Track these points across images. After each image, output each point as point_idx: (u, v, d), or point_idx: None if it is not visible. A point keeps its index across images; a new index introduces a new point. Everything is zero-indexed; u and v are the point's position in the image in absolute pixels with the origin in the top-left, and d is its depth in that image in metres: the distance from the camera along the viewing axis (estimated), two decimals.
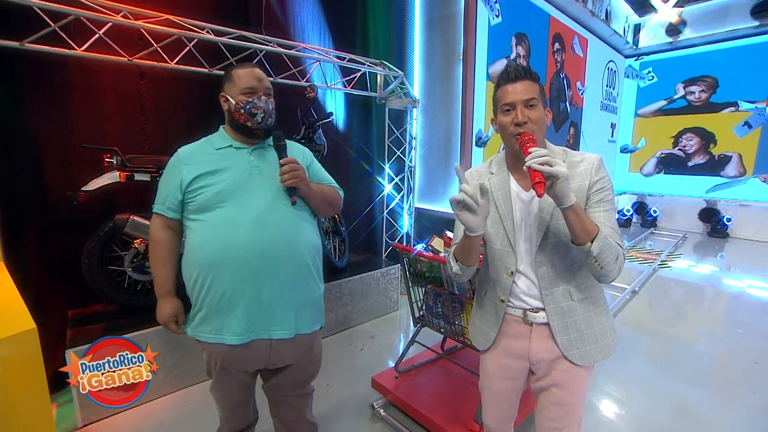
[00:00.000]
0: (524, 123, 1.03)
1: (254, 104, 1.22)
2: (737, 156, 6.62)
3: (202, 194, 1.19)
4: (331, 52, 3.34)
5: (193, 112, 2.72)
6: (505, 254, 1.14)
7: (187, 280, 1.22)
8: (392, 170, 4.08)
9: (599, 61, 6.57)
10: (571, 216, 0.95)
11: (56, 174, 2.24)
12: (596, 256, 0.95)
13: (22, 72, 2.11)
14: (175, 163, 1.24)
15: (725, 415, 2.12)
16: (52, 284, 2.27)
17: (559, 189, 0.91)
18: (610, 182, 1.07)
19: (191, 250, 1.20)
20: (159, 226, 1.26)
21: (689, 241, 6.49)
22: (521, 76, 1.05)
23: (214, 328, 1.21)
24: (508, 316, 1.18)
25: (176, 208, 1.23)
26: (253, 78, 1.24)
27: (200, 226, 1.19)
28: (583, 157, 1.10)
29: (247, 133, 1.27)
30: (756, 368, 2.60)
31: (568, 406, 1.15)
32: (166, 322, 1.29)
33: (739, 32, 6.34)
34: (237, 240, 1.16)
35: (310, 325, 1.32)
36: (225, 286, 1.17)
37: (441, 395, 1.98)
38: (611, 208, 1.05)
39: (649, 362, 2.66)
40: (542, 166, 0.89)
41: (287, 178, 1.21)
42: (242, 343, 1.21)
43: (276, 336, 1.23)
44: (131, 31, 2.32)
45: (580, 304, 1.10)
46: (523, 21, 4.66)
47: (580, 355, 1.11)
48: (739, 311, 3.68)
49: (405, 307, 3.45)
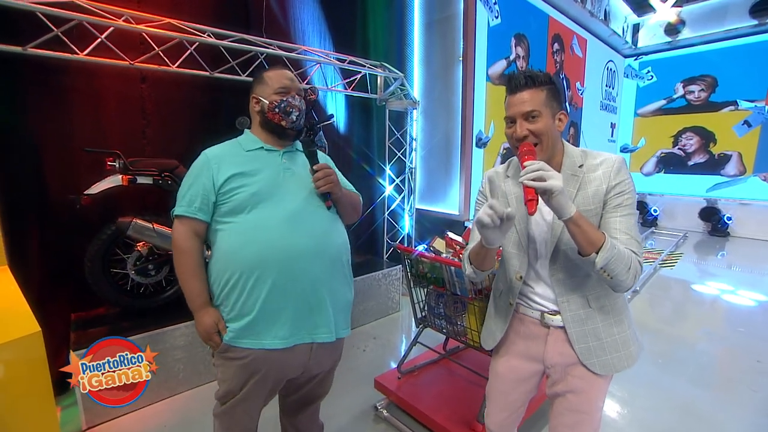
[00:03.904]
0: (525, 137, 1.02)
1: (289, 103, 1.23)
2: (737, 155, 6.63)
3: (237, 195, 1.14)
4: (331, 54, 3.35)
5: (194, 116, 2.73)
6: (516, 257, 1.13)
7: (221, 285, 1.16)
8: (393, 171, 4.09)
9: (598, 61, 6.58)
10: (572, 228, 0.93)
11: (59, 177, 2.25)
12: (603, 267, 0.92)
13: (24, 76, 2.12)
14: (203, 163, 1.19)
15: (727, 414, 2.12)
16: (55, 287, 2.28)
17: (555, 203, 0.90)
18: (631, 185, 1.02)
19: (226, 252, 1.15)
20: (186, 234, 1.17)
21: (690, 240, 6.50)
22: (522, 85, 1.02)
23: (254, 334, 1.15)
24: (523, 317, 1.17)
25: (209, 209, 1.17)
26: (286, 78, 1.25)
27: (235, 228, 1.15)
28: (604, 159, 1.06)
29: (280, 133, 1.25)
30: (758, 366, 2.61)
31: (584, 414, 1.12)
32: (209, 335, 1.17)
33: (737, 31, 6.36)
34: (276, 242, 1.13)
35: (345, 329, 1.29)
36: (269, 288, 1.12)
37: (444, 396, 1.99)
38: (630, 213, 1.00)
39: (651, 361, 2.67)
40: (534, 182, 0.88)
41: (322, 184, 1.20)
42: (286, 347, 1.16)
43: (319, 339, 1.20)
44: (133, 35, 2.33)
45: (599, 313, 1.07)
46: (522, 22, 4.67)
47: (601, 364, 1.07)
48: (740, 310, 3.68)
49: (407, 308, 3.45)
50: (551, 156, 1.06)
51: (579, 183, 1.04)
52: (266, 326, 1.14)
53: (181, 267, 1.18)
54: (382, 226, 4.16)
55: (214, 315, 1.18)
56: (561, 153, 1.09)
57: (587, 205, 1.03)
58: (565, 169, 1.07)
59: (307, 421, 1.48)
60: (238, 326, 1.15)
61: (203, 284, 1.19)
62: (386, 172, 4.06)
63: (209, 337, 1.17)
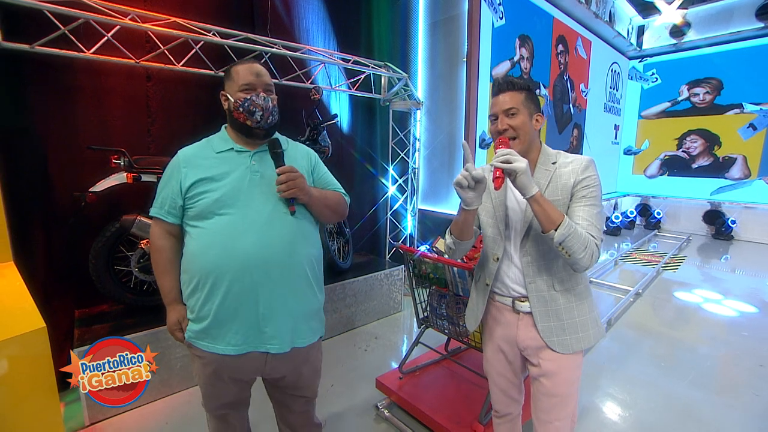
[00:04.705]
0: (504, 130, 1.16)
1: (252, 102, 1.16)
2: (742, 158, 6.59)
3: (201, 201, 1.14)
4: (335, 54, 3.36)
5: (198, 114, 2.74)
6: (494, 241, 1.25)
7: (185, 286, 1.19)
8: (396, 172, 4.09)
9: (603, 63, 6.55)
10: (534, 206, 1.06)
11: (64, 175, 2.27)
12: (561, 243, 1.04)
13: (30, 74, 2.14)
14: (175, 165, 1.19)
15: (729, 418, 2.11)
16: (59, 284, 2.30)
17: (519, 182, 1.04)
18: (595, 181, 1.16)
19: (191, 255, 1.16)
20: (159, 233, 1.22)
21: (693, 243, 6.46)
22: (503, 88, 1.18)
23: (210, 337, 1.17)
24: (499, 305, 1.28)
25: (177, 212, 1.18)
26: (251, 74, 1.17)
27: (200, 233, 1.15)
28: (575, 158, 1.20)
29: (247, 132, 1.21)
30: (760, 371, 2.59)
31: (557, 397, 1.21)
32: (172, 330, 1.25)
33: (743, 34, 6.32)
34: (236, 249, 1.12)
35: (308, 337, 1.27)
36: (223, 296, 1.13)
37: (445, 396, 1.99)
38: (593, 204, 1.13)
39: (653, 364, 2.66)
40: (502, 164, 1.03)
41: (284, 189, 1.15)
42: (237, 354, 1.17)
43: (272, 350, 1.19)
44: (139, 34, 2.35)
45: (563, 295, 1.18)
46: (526, 23, 4.66)
47: (560, 343, 1.18)
48: (743, 314, 3.66)
49: (409, 309, 3.46)
50: (527, 151, 1.19)
51: (551, 176, 1.18)
52: (220, 332, 1.16)
53: (155, 264, 1.25)
54: (384, 226, 4.16)
55: (180, 312, 1.25)
56: (538, 150, 1.22)
57: (556, 195, 1.16)
58: (539, 164, 1.20)
59: (300, 420, 1.46)
60: (197, 328, 1.19)
61: (174, 282, 1.24)
62: (389, 173, 4.06)
63: (172, 332, 1.26)
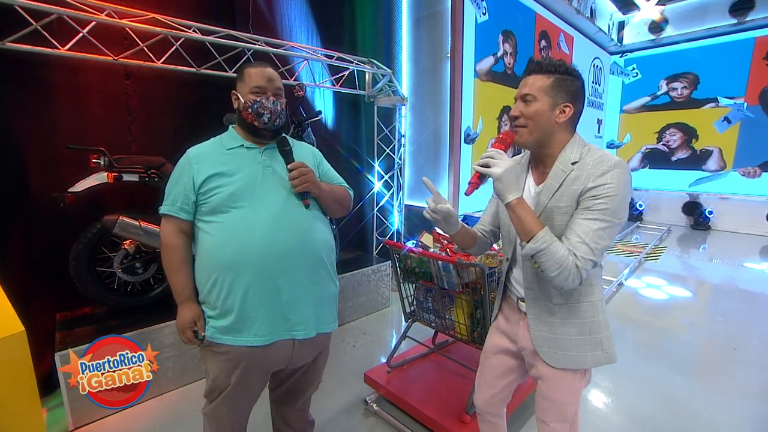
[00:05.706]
0: (516, 117, 1.07)
1: (261, 104, 1.21)
2: (718, 150, 6.79)
3: (215, 195, 1.17)
4: (319, 50, 3.33)
5: (180, 112, 2.69)
6: (507, 242, 1.23)
7: (203, 283, 1.20)
8: (382, 168, 4.10)
9: (585, 58, 6.66)
10: (510, 213, 1.00)
11: (42, 175, 2.20)
12: (532, 257, 0.96)
13: (3, 72, 2.07)
14: (185, 163, 1.22)
15: (706, 401, 2.20)
16: (39, 287, 2.24)
17: (496, 188, 0.99)
18: (610, 191, 0.96)
19: (207, 252, 1.17)
20: (171, 231, 1.22)
21: (673, 234, 6.65)
22: (530, 70, 1.06)
23: (235, 332, 1.17)
24: (510, 300, 1.26)
25: (190, 209, 1.20)
26: (263, 78, 1.22)
27: (215, 228, 1.17)
28: (600, 159, 1.00)
29: (254, 132, 1.25)
30: (734, 354, 2.70)
31: (552, 401, 1.16)
32: (184, 330, 1.22)
33: (717, 30, 6.50)
34: (254, 241, 1.14)
35: (331, 323, 1.33)
36: (246, 288, 1.15)
37: (433, 388, 2.01)
38: (596, 219, 0.95)
39: (635, 351, 2.74)
40: (480, 168, 0.98)
41: (297, 184, 1.21)
42: (266, 344, 1.19)
43: (299, 336, 1.22)
44: (116, 30, 2.29)
45: (561, 310, 1.10)
46: (509, 19, 4.71)
47: (550, 355, 1.11)
48: (719, 301, 3.80)
49: (396, 304, 3.47)
50: (543, 144, 1.07)
51: (564, 178, 1.03)
52: (246, 324, 1.17)
53: (167, 262, 1.24)
54: (371, 223, 4.17)
55: (194, 311, 1.22)
56: (560, 145, 1.06)
57: (560, 201, 1.03)
58: (558, 162, 1.06)
59: (296, 415, 1.49)
60: (220, 324, 1.18)
61: (188, 279, 1.23)
62: (375, 169, 4.06)
63: (183, 331, 1.22)
